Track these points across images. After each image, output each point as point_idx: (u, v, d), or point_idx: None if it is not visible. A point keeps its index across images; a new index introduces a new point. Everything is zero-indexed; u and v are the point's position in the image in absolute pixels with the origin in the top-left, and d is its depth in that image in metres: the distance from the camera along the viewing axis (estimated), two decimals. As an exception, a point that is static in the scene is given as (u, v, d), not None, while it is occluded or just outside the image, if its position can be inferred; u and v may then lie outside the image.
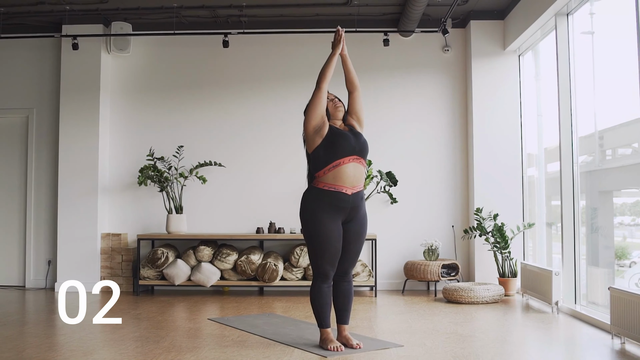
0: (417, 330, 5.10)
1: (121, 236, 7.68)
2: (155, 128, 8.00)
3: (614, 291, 4.76)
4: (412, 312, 6.09)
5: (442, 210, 7.80)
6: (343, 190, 4.32)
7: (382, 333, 5.03)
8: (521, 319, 5.81)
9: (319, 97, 4.35)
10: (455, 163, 7.83)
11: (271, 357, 4.20)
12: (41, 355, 4.25)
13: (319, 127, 4.35)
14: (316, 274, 4.41)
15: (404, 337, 4.82)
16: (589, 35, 6.16)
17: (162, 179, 7.55)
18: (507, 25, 7.52)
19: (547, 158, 7.15)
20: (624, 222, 5.75)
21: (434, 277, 7.09)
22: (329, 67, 4.40)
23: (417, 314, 5.97)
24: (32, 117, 8.06)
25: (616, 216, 5.84)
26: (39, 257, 8.00)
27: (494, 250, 7.13)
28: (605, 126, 5.84)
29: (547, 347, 4.75)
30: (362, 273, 7.26)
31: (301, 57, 7.89)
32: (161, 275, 7.38)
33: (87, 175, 7.72)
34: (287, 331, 5.05)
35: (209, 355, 4.25)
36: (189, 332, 5.10)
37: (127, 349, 4.44)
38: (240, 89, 7.99)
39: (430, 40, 7.88)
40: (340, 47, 4.47)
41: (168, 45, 8.07)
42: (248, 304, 6.60)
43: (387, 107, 7.87)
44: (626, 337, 4.59)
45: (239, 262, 7.21)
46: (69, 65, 7.81)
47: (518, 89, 7.62)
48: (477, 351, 4.37)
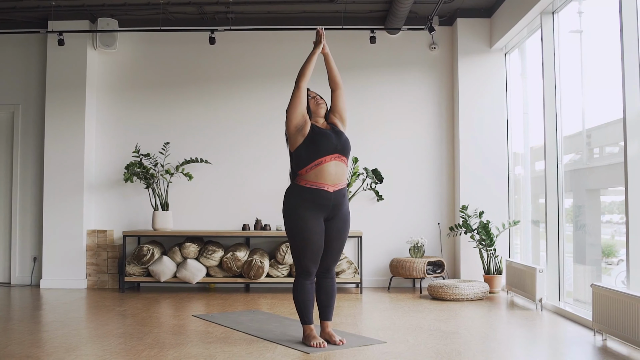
0: (400, 327, 5.12)
1: (107, 233, 7.66)
2: (141, 125, 7.98)
3: (596, 288, 4.79)
4: (396, 309, 6.11)
5: (429, 207, 7.82)
6: (325, 187, 4.33)
7: (366, 330, 5.04)
8: (505, 315, 5.84)
9: (298, 95, 4.36)
10: (441, 161, 7.85)
11: (254, 353, 4.20)
12: (24, 352, 4.24)
13: (301, 126, 4.36)
14: (299, 270, 4.42)
15: (388, 334, 4.83)
16: (577, 34, 6.18)
17: (148, 176, 7.53)
18: (493, 23, 7.55)
19: (533, 156, 7.18)
20: (612, 220, 5.78)
21: (420, 274, 7.11)
22: (309, 65, 4.41)
23: (401, 310, 5.98)
24: (18, 114, 8.02)
25: (604, 214, 5.87)
26: (24, 254, 7.96)
27: (480, 247, 7.16)
28: (593, 125, 5.87)
29: (529, 344, 4.78)
30: (347, 270, 7.27)
31: (288, 54, 7.89)
32: (147, 272, 7.37)
33: (73, 171, 7.69)
34: (271, 328, 5.06)
35: (192, 351, 4.25)
36: (173, 328, 5.10)
37: (110, 345, 4.43)
38: (227, 86, 7.99)
39: (417, 38, 7.90)
40: (321, 45, 4.48)
41: (155, 42, 8.05)
42: (233, 301, 6.60)
43: (373, 105, 7.88)
44: (608, 334, 4.63)
45: (225, 259, 7.21)
46: (55, 61, 7.78)
47: (504, 87, 7.65)
48: (460, 348, 4.40)
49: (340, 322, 5.32)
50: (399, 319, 5.50)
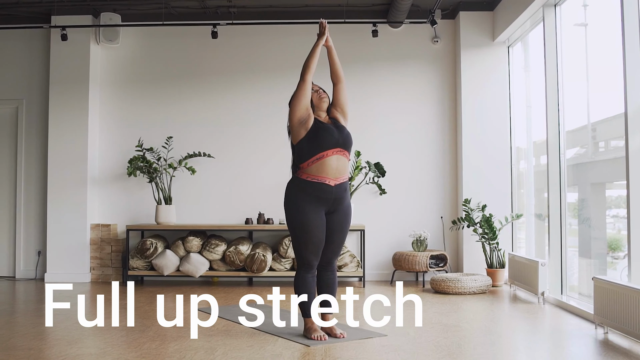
0: (402, 320, 5.12)
1: (110, 227, 7.69)
2: (144, 119, 8.00)
3: (598, 281, 4.79)
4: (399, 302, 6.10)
5: (431, 201, 7.83)
6: (326, 181, 4.34)
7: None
8: (506, 309, 5.84)
9: (304, 88, 4.36)
10: (444, 154, 7.85)
11: (254, 346, 4.22)
12: (26, 344, 4.27)
13: (304, 120, 4.37)
14: (300, 263, 4.44)
15: (389, 327, 4.84)
16: (582, 27, 6.16)
17: (151, 170, 7.56)
18: (496, 16, 7.53)
19: (537, 150, 7.17)
20: (619, 214, 5.76)
21: (422, 267, 7.12)
22: (313, 58, 4.41)
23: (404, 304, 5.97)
24: (22, 108, 8.05)
25: (611, 208, 5.85)
26: (28, 248, 8.01)
27: (482, 241, 7.16)
28: (599, 118, 5.85)
29: (529, 337, 4.79)
30: (350, 264, 7.28)
31: (290, 48, 7.89)
32: (150, 266, 7.40)
33: (76, 166, 7.72)
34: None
35: (192, 344, 4.27)
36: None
37: (111, 338, 4.46)
38: (229, 79, 7.99)
39: (420, 31, 7.88)
40: (324, 38, 4.48)
41: (157, 37, 8.06)
42: (236, 294, 6.61)
43: (376, 99, 7.88)
44: (609, 327, 4.63)
45: (228, 253, 7.23)
46: (58, 56, 7.80)
47: (507, 81, 7.63)
48: (460, 341, 4.40)
49: (342, 315, 5.33)
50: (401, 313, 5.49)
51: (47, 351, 4.09)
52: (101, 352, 4.04)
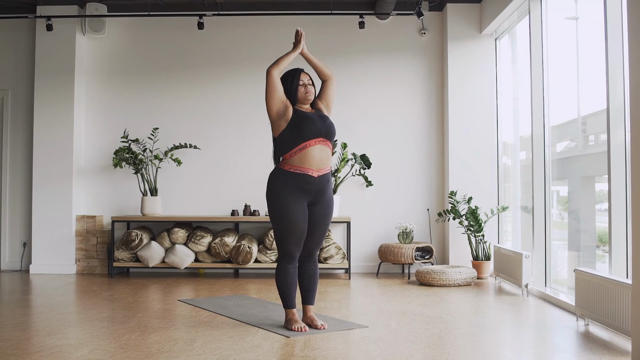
0: (384, 312, 5.13)
1: (96, 218, 7.66)
2: (130, 110, 7.96)
3: (579, 273, 4.80)
4: (383, 294, 6.12)
5: (418, 193, 7.82)
6: (309, 172, 4.33)
7: (350, 315, 5.05)
8: (490, 301, 5.85)
9: (272, 82, 4.35)
10: (431, 146, 7.84)
11: (234, 337, 4.22)
12: (5, 335, 4.25)
13: (282, 112, 4.36)
14: (282, 254, 4.43)
15: (371, 319, 4.84)
16: (573, 21, 6.15)
17: (137, 161, 7.52)
18: (483, 8, 7.51)
19: (523, 143, 7.16)
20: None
21: (408, 260, 7.12)
22: (284, 61, 4.42)
23: (388, 296, 6.00)
24: (7, 99, 8.00)
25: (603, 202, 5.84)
26: (14, 240, 7.97)
27: (468, 233, 7.16)
28: (589, 112, 5.85)
29: (510, 329, 4.80)
30: (336, 256, 7.28)
31: (277, 39, 7.84)
32: (135, 257, 7.38)
33: (62, 157, 7.68)
34: (255, 312, 5.07)
35: (173, 335, 4.26)
36: (158, 313, 5.11)
37: (92, 329, 4.45)
38: (216, 71, 7.96)
39: (407, 23, 7.86)
40: (299, 47, 4.47)
41: (143, 27, 8.01)
42: (221, 286, 6.61)
43: (363, 91, 7.86)
44: (590, 319, 4.64)
45: (213, 244, 7.21)
46: (44, 46, 7.75)
47: (494, 73, 7.62)
48: (441, 332, 4.41)
49: (325, 307, 5.34)
50: (384, 304, 5.51)
51: (25, 342, 4.06)
52: (80, 343, 4.02)
